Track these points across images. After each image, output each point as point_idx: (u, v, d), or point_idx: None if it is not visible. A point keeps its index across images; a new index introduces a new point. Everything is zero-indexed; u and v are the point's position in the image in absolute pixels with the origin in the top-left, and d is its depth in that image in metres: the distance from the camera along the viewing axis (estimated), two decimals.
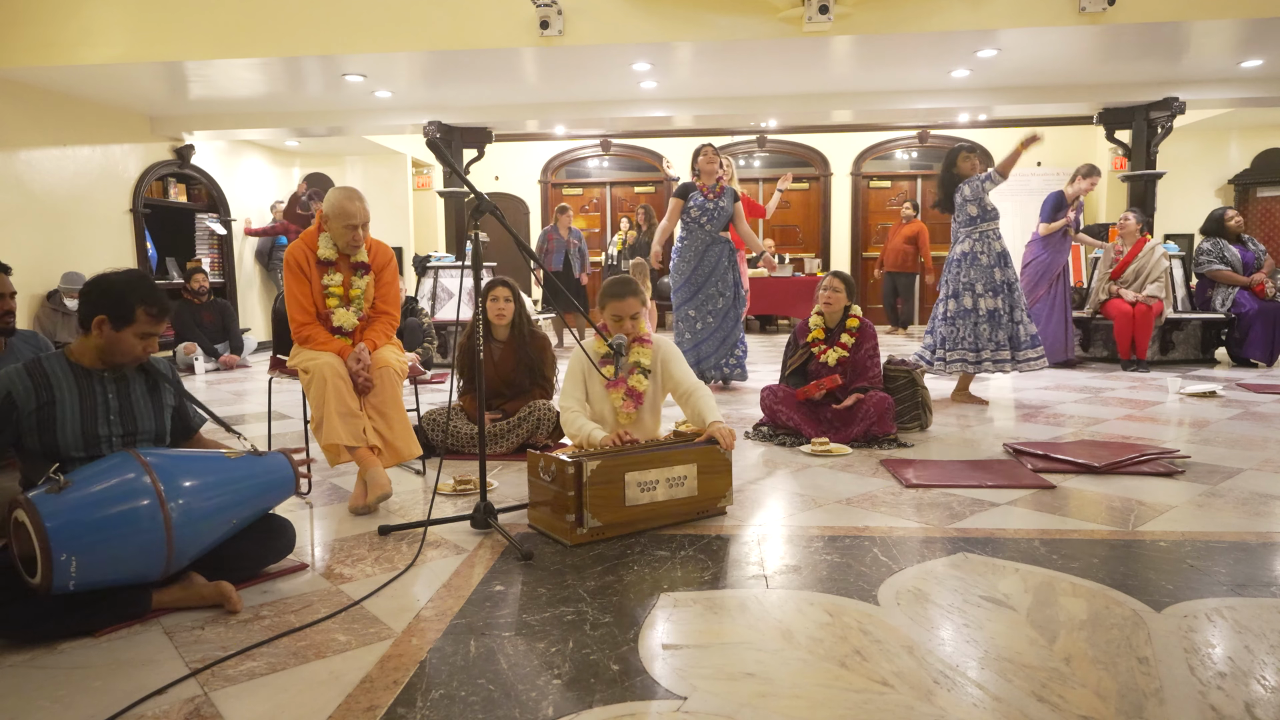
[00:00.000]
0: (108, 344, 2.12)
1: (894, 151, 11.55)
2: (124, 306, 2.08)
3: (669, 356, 3.14)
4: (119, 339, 2.11)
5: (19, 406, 2.05)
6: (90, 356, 2.16)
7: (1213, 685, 1.61)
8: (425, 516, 2.74)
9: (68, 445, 2.09)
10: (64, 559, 1.79)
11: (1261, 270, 6.90)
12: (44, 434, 2.07)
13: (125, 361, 2.16)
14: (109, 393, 2.16)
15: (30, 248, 6.28)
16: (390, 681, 1.66)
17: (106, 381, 2.17)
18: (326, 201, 3.06)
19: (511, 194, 11.92)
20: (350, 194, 3.05)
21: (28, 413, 2.06)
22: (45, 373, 2.10)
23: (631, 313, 3.10)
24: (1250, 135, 10.13)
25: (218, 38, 5.72)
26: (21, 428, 2.07)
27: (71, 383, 2.12)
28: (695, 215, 5.41)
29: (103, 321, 2.09)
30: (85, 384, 2.13)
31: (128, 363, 2.17)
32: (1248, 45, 5.94)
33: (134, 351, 2.14)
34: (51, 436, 2.07)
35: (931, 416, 4.21)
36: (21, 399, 2.05)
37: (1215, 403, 4.91)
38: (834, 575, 2.21)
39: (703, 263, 5.42)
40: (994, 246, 4.85)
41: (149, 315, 2.11)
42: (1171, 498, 2.92)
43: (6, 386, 2.06)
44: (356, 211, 3.03)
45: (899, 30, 5.49)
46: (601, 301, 3.16)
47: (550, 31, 5.48)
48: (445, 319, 7.37)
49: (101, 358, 2.15)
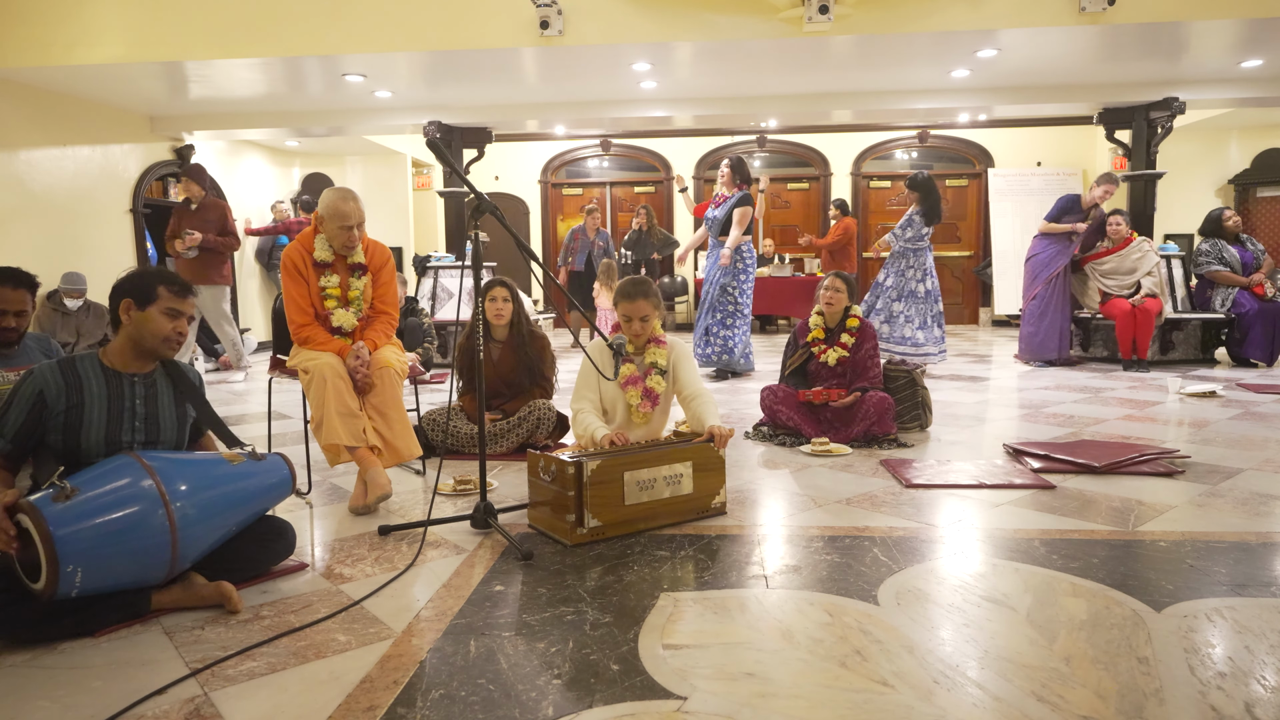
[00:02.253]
0: (137, 328, 2.13)
1: (894, 151, 11.55)
2: (146, 286, 2.14)
3: (680, 357, 3.18)
4: (146, 318, 2.12)
5: (49, 405, 2.05)
6: (123, 357, 2.16)
7: (1213, 685, 1.61)
8: (425, 516, 2.75)
9: (90, 449, 2.07)
10: (70, 570, 1.78)
11: (1260, 270, 6.90)
12: (68, 435, 2.06)
13: (157, 345, 2.15)
14: (137, 398, 2.15)
15: (30, 248, 6.28)
16: (390, 681, 1.66)
17: (136, 386, 2.16)
18: (321, 203, 3.06)
19: (511, 194, 11.91)
20: (344, 195, 3.05)
21: (56, 412, 2.05)
22: (78, 373, 2.10)
23: (641, 314, 3.13)
24: (1250, 135, 10.13)
25: (218, 38, 5.72)
26: (48, 426, 2.06)
27: (102, 385, 2.11)
28: (708, 223, 6.28)
29: (129, 305, 2.13)
30: (115, 388, 2.13)
31: (160, 346, 2.15)
32: (1248, 45, 5.94)
33: (163, 330, 2.14)
34: (75, 438, 2.06)
35: (931, 416, 4.21)
36: (53, 398, 2.05)
37: (1215, 403, 4.91)
38: (834, 575, 2.21)
39: (713, 265, 6.19)
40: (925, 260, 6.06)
41: (170, 291, 2.15)
42: (1171, 498, 2.92)
43: (39, 384, 2.05)
44: (351, 212, 3.03)
45: (899, 30, 5.49)
46: (615, 300, 3.20)
47: (550, 31, 5.48)
48: (445, 319, 7.37)
49: (134, 348, 2.15)
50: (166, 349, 2.17)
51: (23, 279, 2.87)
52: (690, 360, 3.20)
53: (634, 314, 3.13)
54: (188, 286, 2.21)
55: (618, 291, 3.17)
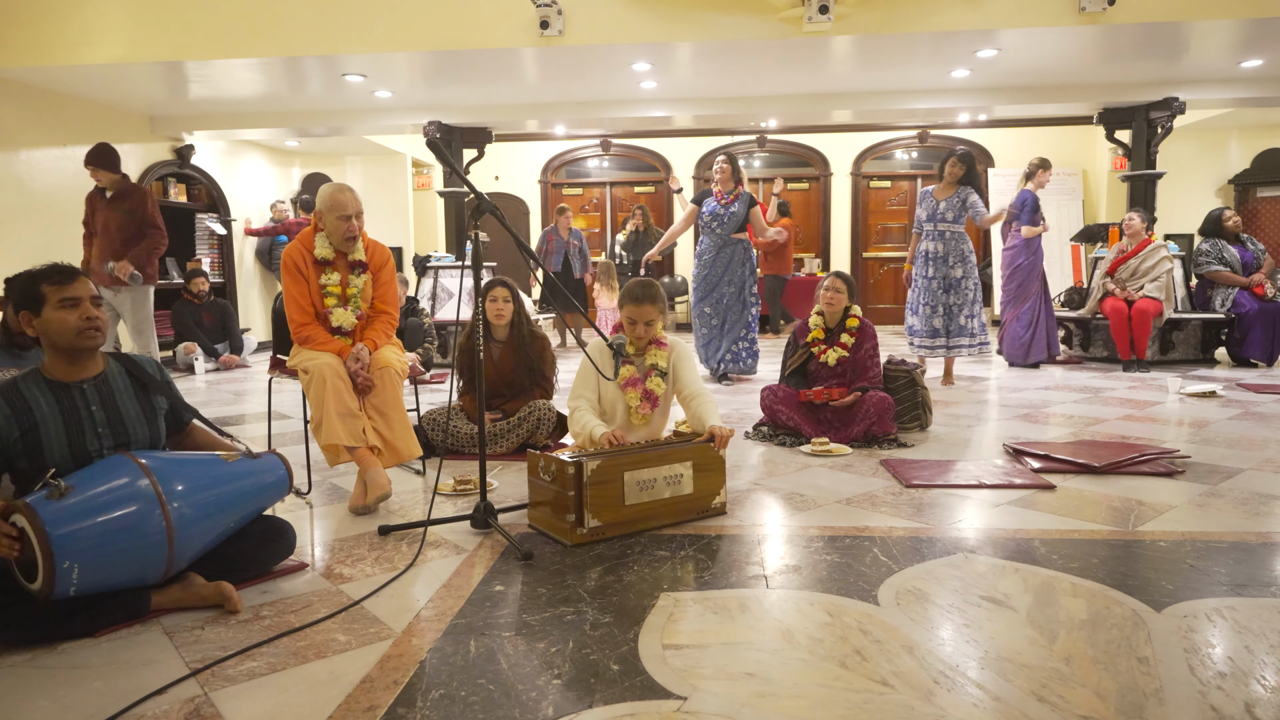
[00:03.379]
0: (45, 334, 2.04)
1: (894, 151, 11.55)
2: (30, 293, 2.04)
3: (680, 358, 3.19)
4: (46, 322, 2.03)
5: (2, 435, 1.98)
6: (59, 367, 2.08)
7: (1213, 685, 1.61)
8: (425, 516, 2.74)
9: (57, 464, 2.00)
10: (66, 567, 1.79)
11: (1260, 270, 6.90)
12: (32, 458, 2.01)
13: (74, 341, 2.04)
14: (91, 405, 2.08)
15: (30, 248, 6.28)
16: (390, 681, 1.66)
17: (88, 393, 2.09)
18: (319, 198, 3.09)
19: (511, 194, 11.91)
20: (341, 186, 3.10)
21: (11, 440, 1.99)
22: (23, 396, 2.02)
23: (647, 319, 3.14)
24: (1250, 135, 10.13)
25: (218, 38, 5.72)
26: (9, 454, 2.01)
27: (51, 401, 2.03)
28: (708, 220, 5.83)
29: (28, 318, 2.05)
30: (66, 400, 2.05)
31: (77, 340, 2.04)
32: (1248, 45, 5.94)
33: (69, 324, 2.02)
34: (40, 459, 2.00)
35: (931, 416, 4.21)
36: (4, 428, 1.98)
37: (1215, 403, 4.91)
38: (834, 575, 2.21)
39: (716, 262, 5.82)
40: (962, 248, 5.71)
41: (53, 284, 2.03)
42: (1171, 498, 2.92)
43: None
44: (348, 202, 3.05)
45: (899, 30, 5.49)
46: (620, 301, 3.20)
47: (550, 31, 5.49)
48: (445, 319, 7.37)
49: (60, 355, 2.07)
50: (85, 340, 2.05)
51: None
52: (691, 360, 3.21)
53: (640, 318, 3.13)
54: (68, 270, 2.08)
55: (625, 294, 3.16)
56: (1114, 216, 9.51)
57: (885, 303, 11.56)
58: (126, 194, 5.38)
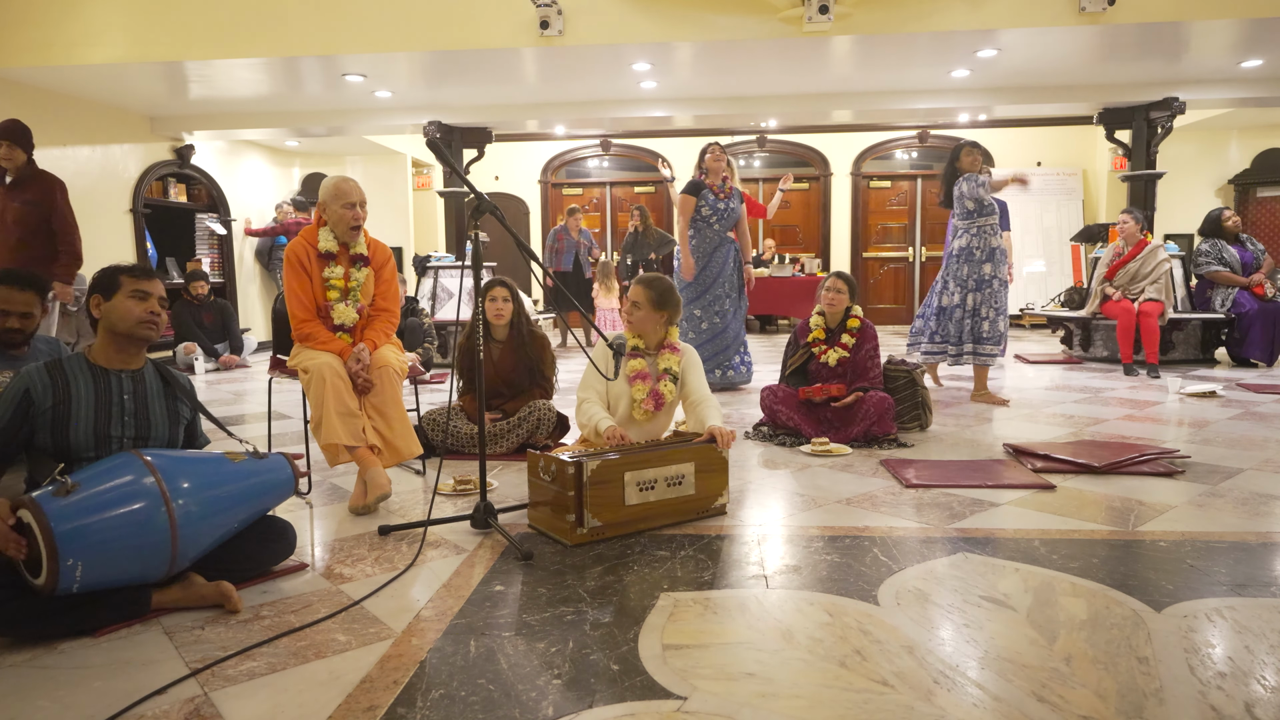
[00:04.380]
0: (108, 318, 2.17)
1: (894, 151, 11.55)
2: (109, 278, 2.20)
3: (690, 364, 3.22)
4: (113, 307, 2.17)
5: (35, 403, 2.08)
6: (106, 353, 2.19)
7: (1213, 685, 1.61)
8: (425, 516, 2.74)
9: (79, 444, 2.09)
10: (70, 563, 1.79)
11: (1260, 270, 6.90)
12: (56, 432, 2.08)
13: (132, 329, 2.16)
14: (124, 393, 2.18)
15: None
16: (390, 681, 1.66)
17: (124, 382, 2.19)
18: (322, 189, 3.13)
19: (511, 194, 11.92)
20: (343, 177, 3.16)
21: (43, 410, 2.08)
22: (65, 372, 2.14)
23: (654, 322, 3.19)
24: (1250, 135, 10.13)
25: (218, 38, 5.72)
26: (36, 424, 2.08)
27: (89, 381, 2.14)
28: (706, 215, 5.34)
29: (98, 300, 2.19)
30: (102, 384, 2.16)
31: (135, 329, 2.17)
32: (1248, 45, 5.94)
33: (133, 313, 2.16)
34: (64, 435, 2.08)
35: (931, 416, 4.20)
36: (39, 396, 2.08)
37: (1215, 403, 4.91)
38: (834, 575, 2.21)
39: (711, 263, 5.38)
40: (989, 242, 4.94)
41: (132, 276, 2.20)
42: (1171, 498, 2.92)
43: (25, 383, 2.09)
44: (352, 189, 3.11)
45: (899, 30, 5.49)
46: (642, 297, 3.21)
47: (550, 31, 5.49)
48: (445, 319, 7.37)
49: (113, 340, 2.18)
50: (143, 330, 2.19)
51: (29, 280, 2.85)
52: (699, 368, 3.24)
53: (634, 296, 3.18)
54: (149, 270, 2.26)
55: (651, 292, 3.16)
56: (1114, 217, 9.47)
57: (885, 303, 11.57)
58: (31, 180, 4.37)
